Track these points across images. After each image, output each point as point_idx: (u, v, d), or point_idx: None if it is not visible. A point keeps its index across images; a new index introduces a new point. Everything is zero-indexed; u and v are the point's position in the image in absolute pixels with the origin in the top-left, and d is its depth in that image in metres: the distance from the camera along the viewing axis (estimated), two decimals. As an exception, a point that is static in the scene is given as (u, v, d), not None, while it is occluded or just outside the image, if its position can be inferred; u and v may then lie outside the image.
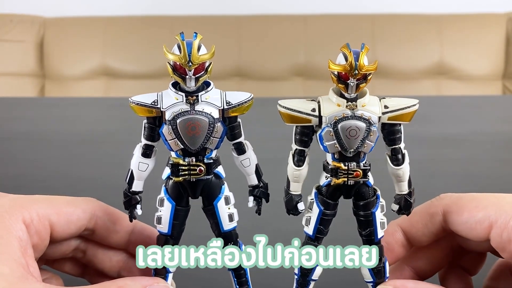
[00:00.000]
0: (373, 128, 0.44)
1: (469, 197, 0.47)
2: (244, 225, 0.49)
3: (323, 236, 0.47)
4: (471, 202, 0.46)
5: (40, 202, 0.45)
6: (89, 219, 0.47)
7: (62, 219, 0.46)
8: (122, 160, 0.51)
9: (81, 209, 0.47)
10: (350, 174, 0.45)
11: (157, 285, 0.44)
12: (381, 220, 0.47)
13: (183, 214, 0.47)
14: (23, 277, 0.39)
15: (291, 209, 0.47)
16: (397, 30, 2.05)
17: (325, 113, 0.44)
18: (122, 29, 2.11)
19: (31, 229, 0.43)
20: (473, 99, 1.54)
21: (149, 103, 0.45)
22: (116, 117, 1.24)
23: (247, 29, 2.09)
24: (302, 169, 0.46)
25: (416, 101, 0.45)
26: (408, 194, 0.47)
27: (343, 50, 0.43)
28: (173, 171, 0.46)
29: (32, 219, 0.43)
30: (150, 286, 0.43)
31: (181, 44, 0.43)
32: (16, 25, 2.11)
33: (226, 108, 0.45)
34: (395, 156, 0.46)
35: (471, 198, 0.47)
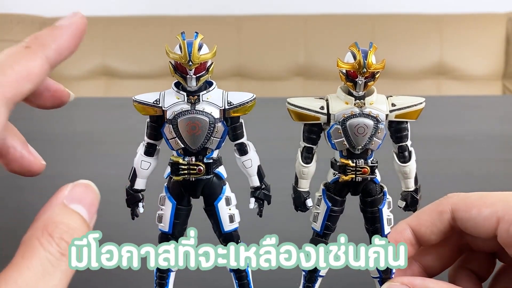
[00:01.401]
0: (381, 126, 0.45)
1: (477, 195, 0.48)
2: (246, 226, 0.49)
3: (330, 232, 0.48)
4: (478, 200, 0.47)
5: None
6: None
7: None
8: (122, 160, 0.51)
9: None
10: (358, 171, 0.46)
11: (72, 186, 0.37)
12: (388, 217, 0.48)
13: (184, 213, 0.47)
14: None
15: (299, 205, 0.48)
16: (397, 30, 2.05)
17: (334, 110, 0.45)
18: (122, 29, 2.11)
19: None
20: (473, 99, 1.54)
21: (151, 102, 0.45)
22: (116, 117, 1.24)
23: (247, 29, 2.09)
24: (310, 166, 0.47)
25: (423, 99, 0.46)
26: (414, 191, 0.48)
27: (351, 49, 0.44)
28: (172, 170, 0.46)
29: None
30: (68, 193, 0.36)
31: (181, 43, 0.43)
32: (16, 25, 2.11)
33: (228, 108, 0.45)
34: (402, 153, 0.47)
35: (479, 196, 0.47)
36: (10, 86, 0.34)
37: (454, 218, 0.48)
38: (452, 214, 0.48)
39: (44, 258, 0.32)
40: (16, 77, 0.34)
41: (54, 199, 0.35)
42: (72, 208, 0.35)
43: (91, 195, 0.36)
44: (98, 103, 1.45)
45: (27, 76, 0.35)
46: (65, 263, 0.32)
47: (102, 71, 2.11)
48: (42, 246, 0.32)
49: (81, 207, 0.35)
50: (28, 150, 0.43)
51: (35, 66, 0.36)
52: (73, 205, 0.35)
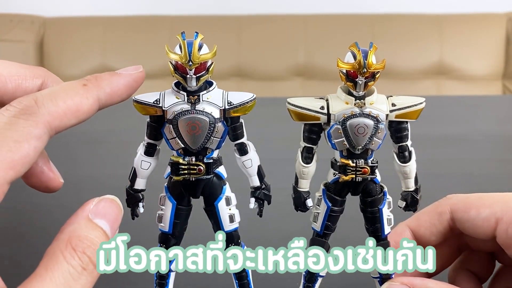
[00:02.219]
0: (381, 126, 0.45)
1: (476, 196, 0.48)
2: (247, 226, 0.49)
3: (330, 232, 0.48)
4: (477, 201, 0.47)
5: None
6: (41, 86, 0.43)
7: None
8: (123, 160, 0.51)
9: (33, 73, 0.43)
10: (358, 171, 0.46)
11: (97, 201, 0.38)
12: (388, 217, 0.48)
13: (184, 213, 0.47)
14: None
15: (299, 205, 0.48)
16: (397, 30, 2.05)
17: (334, 110, 0.45)
18: (122, 29, 2.11)
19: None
20: (473, 99, 1.54)
21: (151, 102, 0.45)
22: (117, 117, 1.24)
23: (247, 29, 2.09)
24: (310, 166, 0.47)
25: (423, 99, 0.46)
26: (414, 191, 0.48)
27: (351, 49, 0.44)
28: (172, 170, 0.46)
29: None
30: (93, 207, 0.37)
31: (181, 43, 0.43)
32: (16, 25, 2.11)
33: (228, 108, 0.45)
34: (402, 153, 0.47)
35: (478, 197, 0.48)
36: (58, 118, 0.36)
37: (453, 219, 0.48)
38: (451, 215, 0.48)
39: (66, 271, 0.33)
40: (65, 110, 0.37)
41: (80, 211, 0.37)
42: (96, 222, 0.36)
43: (115, 211, 0.38)
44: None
45: (76, 112, 0.37)
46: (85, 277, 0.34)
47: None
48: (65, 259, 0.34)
49: (105, 222, 0.37)
50: (49, 167, 0.44)
51: (86, 104, 0.38)
52: (97, 220, 0.36)
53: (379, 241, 0.48)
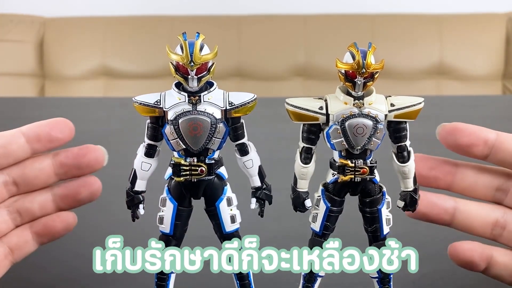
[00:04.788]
0: (380, 126, 0.45)
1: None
2: (247, 227, 0.49)
3: (329, 232, 0.48)
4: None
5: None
6: None
7: None
8: (123, 160, 0.51)
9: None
10: (357, 171, 0.46)
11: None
12: (387, 217, 0.48)
13: (185, 214, 0.47)
14: None
15: (298, 206, 0.48)
16: (397, 30, 2.05)
17: (333, 111, 0.45)
18: (122, 29, 2.10)
19: None
20: (473, 99, 1.54)
21: (152, 103, 0.45)
22: (116, 117, 1.24)
23: (247, 29, 2.09)
24: (309, 167, 0.47)
25: (421, 99, 0.46)
26: (413, 191, 0.48)
27: (350, 49, 0.44)
28: (174, 171, 0.46)
29: None
30: None
31: (183, 44, 0.43)
32: (16, 25, 2.11)
33: (229, 108, 0.45)
34: (401, 153, 0.47)
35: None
36: None
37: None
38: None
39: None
40: None
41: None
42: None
43: None
44: (98, 103, 1.45)
45: None
46: None
47: (102, 71, 2.11)
48: None
49: None
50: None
51: None
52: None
53: (378, 241, 0.48)
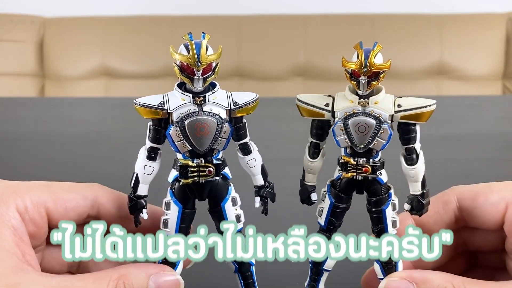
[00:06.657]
0: (384, 126, 0.45)
1: (483, 185, 0.48)
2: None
3: (335, 228, 0.49)
4: (485, 188, 0.47)
5: (36, 188, 0.44)
6: (91, 206, 0.46)
7: (60, 206, 0.44)
8: (123, 160, 0.51)
9: (81, 196, 0.45)
10: (358, 169, 0.46)
11: (163, 273, 0.42)
12: (393, 219, 0.47)
13: (189, 217, 0.47)
14: (17, 267, 0.39)
15: (304, 199, 0.49)
16: (397, 30, 2.05)
17: (337, 108, 0.46)
18: (122, 29, 2.10)
19: (25, 217, 0.42)
20: (473, 99, 1.54)
21: (155, 105, 0.44)
22: (116, 117, 1.24)
23: (247, 29, 2.09)
24: (316, 162, 0.48)
25: (433, 101, 0.46)
26: (421, 195, 0.47)
27: (355, 48, 0.45)
28: (181, 173, 0.45)
29: (26, 207, 0.42)
30: (156, 274, 0.41)
31: (189, 44, 0.42)
32: (16, 25, 2.11)
33: (233, 108, 0.45)
34: (410, 155, 0.47)
35: (485, 185, 0.47)
36: None
37: (460, 208, 0.47)
38: (457, 203, 0.47)
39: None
40: None
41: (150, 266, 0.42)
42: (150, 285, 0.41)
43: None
44: (98, 103, 1.45)
45: None
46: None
47: (102, 71, 2.11)
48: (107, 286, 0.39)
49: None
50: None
51: None
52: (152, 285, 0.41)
53: None
